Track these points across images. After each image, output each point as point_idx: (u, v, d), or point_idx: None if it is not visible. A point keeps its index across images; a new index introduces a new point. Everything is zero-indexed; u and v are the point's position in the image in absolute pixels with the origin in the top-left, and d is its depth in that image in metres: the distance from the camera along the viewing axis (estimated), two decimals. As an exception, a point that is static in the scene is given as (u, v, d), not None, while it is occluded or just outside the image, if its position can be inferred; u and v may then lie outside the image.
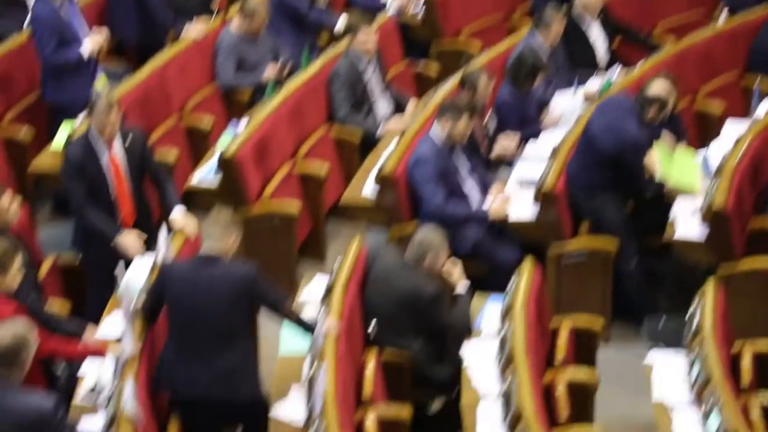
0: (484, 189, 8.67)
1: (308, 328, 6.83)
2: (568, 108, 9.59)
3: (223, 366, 6.62)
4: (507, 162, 9.17)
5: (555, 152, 8.81)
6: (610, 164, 8.50)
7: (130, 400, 6.14)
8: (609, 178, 8.53)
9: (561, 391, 7.03)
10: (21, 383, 5.72)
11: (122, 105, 9.11)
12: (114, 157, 7.72)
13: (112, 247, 7.58)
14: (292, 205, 8.80)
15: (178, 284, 6.64)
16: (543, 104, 9.61)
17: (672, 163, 8.56)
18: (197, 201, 9.02)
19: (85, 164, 7.61)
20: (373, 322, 7.28)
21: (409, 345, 7.28)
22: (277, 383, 7.01)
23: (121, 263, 7.18)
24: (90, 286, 7.84)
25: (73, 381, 6.93)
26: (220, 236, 6.67)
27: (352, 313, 7.23)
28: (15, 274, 6.44)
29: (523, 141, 9.23)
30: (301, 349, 7.07)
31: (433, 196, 8.33)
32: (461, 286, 7.50)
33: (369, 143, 9.58)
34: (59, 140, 8.98)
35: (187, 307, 6.60)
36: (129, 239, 7.62)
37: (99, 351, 6.67)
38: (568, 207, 8.57)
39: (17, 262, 6.45)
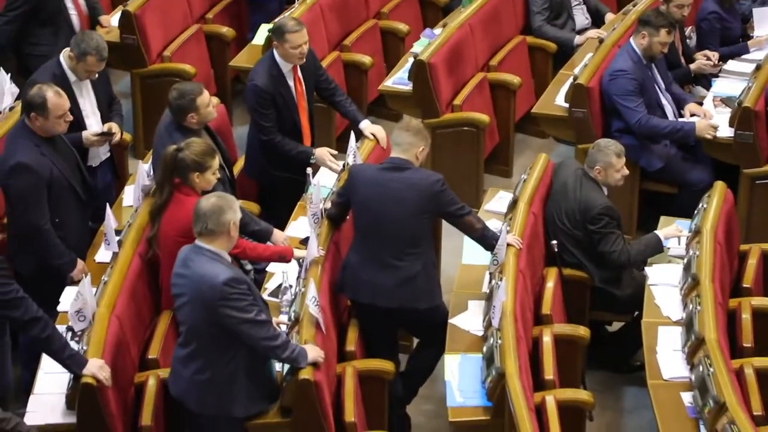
0: (678, 105, 8.49)
1: (489, 244, 6.84)
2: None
3: (405, 274, 6.68)
4: (706, 79, 8.95)
5: (757, 70, 8.54)
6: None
7: (312, 303, 6.28)
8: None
9: (746, 318, 6.90)
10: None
11: (319, 8, 9.24)
12: (299, 79, 7.76)
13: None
14: (482, 115, 8.77)
15: (366, 187, 6.70)
16: (747, 21, 9.30)
17: None
18: (390, 104, 9.12)
19: (275, 92, 7.64)
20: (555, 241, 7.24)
21: (587, 264, 7.24)
22: (457, 290, 7.06)
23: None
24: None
25: (261, 274, 7.14)
26: (410, 144, 6.69)
27: (534, 229, 7.21)
28: (211, 175, 6.62)
29: (724, 59, 8.97)
30: (483, 260, 7.09)
31: (634, 109, 8.19)
32: None
33: (565, 54, 9.45)
34: (259, 39, 9.14)
35: (372, 212, 6.67)
36: (324, 153, 7.71)
37: (285, 254, 6.83)
38: (766, 129, 8.31)
39: (214, 164, 6.62)
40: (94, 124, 7.56)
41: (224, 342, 5.90)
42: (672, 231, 7.34)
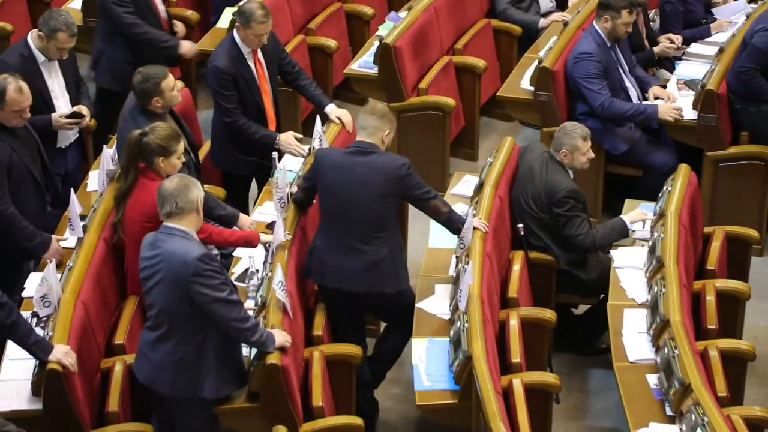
0: (642, 88, 8.52)
1: (455, 228, 6.85)
2: (737, 8, 9.30)
3: (371, 258, 6.68)
4: (670, 62, 8.99)
5: (720, 53, 8.58)
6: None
7: (279, 287, 6.27)
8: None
9: (710, 301, 6.94)
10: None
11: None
12: (260, 61, 7.73)
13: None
14: (448, 98, 8.77)
15: (332, 172, 6.69)
16: (710, 4, 9.34)
17: None
18: (355, 88, 9.11)
19: (236, 73, 7.60)
20: (521, 224, 7.26)
21: (552, 248, 7.26)
22: (424, 274, 7.07)
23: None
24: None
25: (228, 259, 7.13)
26: (376, 128, 6.68)
27: (500, 212, 7.22)
28: (176, 160, 6.59)
29: (687, 42, 9.00)
30: (450, 243, 7.11)
31: (598, 92, 8.22)
32: None
33: (530, 37, 9.46)
34: (223, 22, 9.10)
35: (338, 196, 6.66)
36: (289, 137, 7.68)
37: (251, 239, 6.81)
38: (728, 112, 8.35)
39: (179, 148, 6.60)
40: (62, 105, 7.50)
41: (195, 323, 5.89)
42: (637, 215, 7.37)
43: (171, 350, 5.94)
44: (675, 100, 8.42)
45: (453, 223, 6.84)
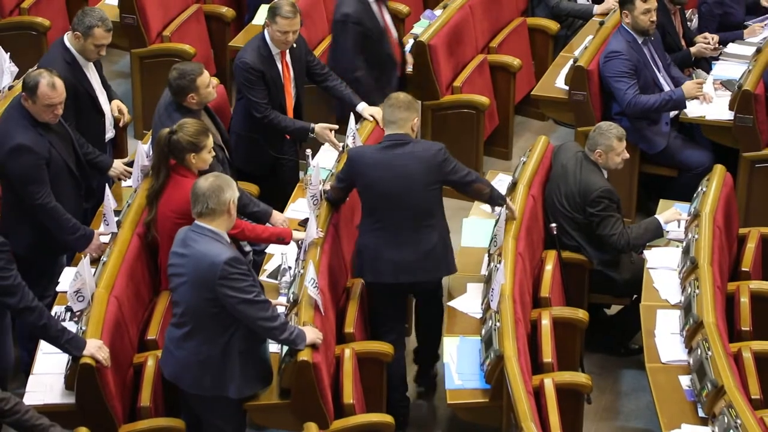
0: (677, 86, 8.48)
1: (498, 204, 6.96)
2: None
3: (425, 247, 6.71)
4: (707, 62, 8.93)
5: (757, 53, 8.52)
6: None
7: (311, 285, 6.28)
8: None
9: (744, 302, 6.90)
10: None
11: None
12: (287, 63, 7.75)
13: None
14: (482, 97, 8.75)
15: (371, 169, 6.68)
16: (755, 8, 9.26)
17: None
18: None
19: (264, 70, 7.63)
20: (554, 224, 7.23)
21: (585, 248, 7.24)
22: (456, 273, 7.02)
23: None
24: None
25: (261, 255, 7.14)
26: (404, 119, 6.69)
27: (533, 212, 7.21)
28: (207, 154, 6.61)
29: (723, 44, 8.94)
30: (482, 242, 7.10)
31: (626, 91, 8.18)
32: None
33: (565, 36, 9.44)
34: (258, 19, 9.11)
35: (383, 192, 6.66)
36: (324, 128, 7.70)
37: (284, 236, 6.82)
38: (765, 113, 8.29)
39: (209, 143, 6.61)
40: (104, 102, 7.52)
41: (221, 322, 5.91)
42: (672, 215, 7.33)
43: (195, 349, 5.95)
44: (703, 84, 8.33)
45: (495, 201, 6.96)
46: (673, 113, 8.35)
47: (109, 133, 7.63)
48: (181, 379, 6.05)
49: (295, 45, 7.70)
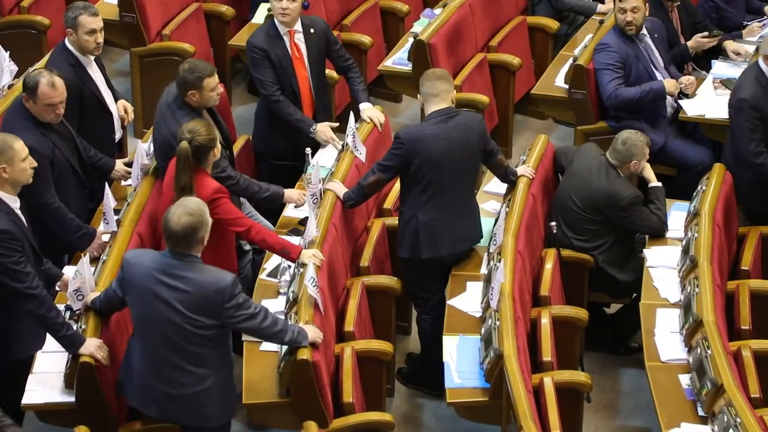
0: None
1: (510, 180, 7.24)
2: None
3: (471, 212, 7.02)
4: (706, 61, 8.91)
5: (756, 53, 8.50)
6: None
7: (311, 284, 6.28)
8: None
9: (744, 301, 6.90)
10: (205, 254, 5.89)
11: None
12: (296, 44, 7.77)
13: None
14: (482, 96, 8.75)
15: (432, 145, 6.75)
16: (754, 9, 9.24)
17: None
18: (389, 85, 9.10)
19: (269, 50, 7.67)
20: (554, 222, 7.23)
21: (594, 247, 7.24)
22: (456, 272, 7.02)
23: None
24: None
25: (260, 255, 7.14)
26: (446, 91, 6.83)
27: (533, 211, 7.21)
28: (219, 147, 6.53)
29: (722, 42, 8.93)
30: (482, 241, 7.10)
31: (608, 81, 8.19)
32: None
33: (565, 35, 9.44)
34: (259, 17, 9.11)
35: (446, 164, 6.76)
36: (326, 128, 7.71)
37: (289, 251, 6.59)
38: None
39: (218, 136, 6.59)
40: (109, 102, 7.50)
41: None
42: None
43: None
44: (692, 83, 8.32)
45: (509, 176, 7.24)
46: (670, 112, 8.34)
47: (118, 134, 7.62)
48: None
49: (312, 30, 7.76)
